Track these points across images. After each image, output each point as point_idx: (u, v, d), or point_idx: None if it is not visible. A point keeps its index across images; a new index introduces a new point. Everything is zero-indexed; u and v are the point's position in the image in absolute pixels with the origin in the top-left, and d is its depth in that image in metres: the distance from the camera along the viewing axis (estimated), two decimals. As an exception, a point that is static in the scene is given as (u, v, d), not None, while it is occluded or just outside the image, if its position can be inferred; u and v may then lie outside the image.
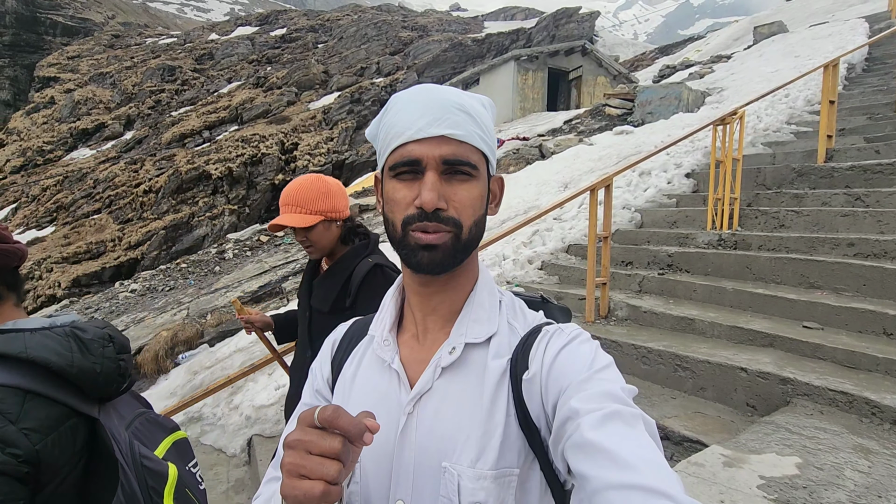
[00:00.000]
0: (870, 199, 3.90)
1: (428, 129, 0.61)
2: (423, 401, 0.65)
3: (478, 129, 0.64)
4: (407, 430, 0.64)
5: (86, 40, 40.70)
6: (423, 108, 0.62)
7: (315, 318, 1.57)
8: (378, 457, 0.66)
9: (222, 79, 29.46)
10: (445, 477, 0.61)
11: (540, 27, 27.25)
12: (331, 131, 20.62)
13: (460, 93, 0.66)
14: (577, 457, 0.50)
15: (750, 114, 6.38)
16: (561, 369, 0.59)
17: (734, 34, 20.37)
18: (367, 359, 0.73)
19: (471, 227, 0.63)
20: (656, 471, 0.46)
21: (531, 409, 0.61)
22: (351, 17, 35.29)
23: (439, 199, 0.60)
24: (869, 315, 2.74)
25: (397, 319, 0.74)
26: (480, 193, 0.64)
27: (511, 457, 0.60)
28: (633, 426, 0.50)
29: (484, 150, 0.65)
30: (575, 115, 12.54)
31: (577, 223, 5.37)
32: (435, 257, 0.62)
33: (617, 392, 0.54)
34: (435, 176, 0.61)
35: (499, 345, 0.66)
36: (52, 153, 25.84)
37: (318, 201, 1.48)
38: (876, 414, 2.08)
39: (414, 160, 0.61)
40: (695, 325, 3.20)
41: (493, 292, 0.71)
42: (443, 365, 0.65)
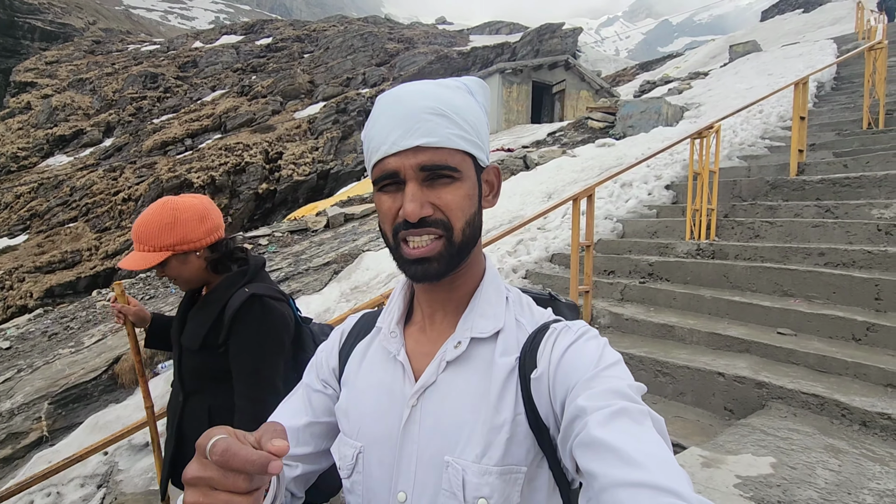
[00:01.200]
0: (839, 211, 4.06)
1: (401, 141, 0.60)
2: (428, 394, 0.65)
3: (456, 130, 0.62)
4: (410, 423, 0.64)
5: (65, 45, 40.04)
6: (395, 119, 0.61)
7: (185, 357, 1.39)
8: (381, 448, 0.66)
9: (206, 87, 29.22)
10: (448, 471, 0.61)
11: (524, 42, 27.75)
12: (316, 141, 20.58)
13: (440, 91, 0.63)
14: (585, 455, 0.50)
15: (726, 128, 6.59)
16: (568, 367, 0.59)
17: (711, 52, 21.05)
18: (374, 350, 0.73)
19: (463, 228, 0.63)
20: (664, 468, 0.45)
21: (540, 408, 0.60)
22: (337, 28, 35.45)
23: (422, 208, 0.60)
24: (839, 321, 2.85)
25: (405, 312, 0.74)
26: (467, 193, 0.63)
27: (518, 454, 0.60)
28: (640, 423, 0.50)
29: (466, 149, 0.63)
30: (558, 127, 12.77)
31: (560, 233, 5.46)
32: (429, 269, 0.62)
33: (624, 389, 0.53)
34: (415, 185, 0.60)
35: (506, 341, 0.65)
36: (27, 159, 25.21)
37: (162, 235, 1.31)
38: (846, 415, 2.16)
39: (392, 173, 0.61)
40: (675, 332, 3.28)
41: (500, 288, 0.70)
42: (448, 359, 0.65)
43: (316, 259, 6.03)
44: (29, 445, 3.71)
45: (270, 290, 1.36)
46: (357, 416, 0.70)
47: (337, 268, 5.61)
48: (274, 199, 18.56)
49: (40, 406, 3.90)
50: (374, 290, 5.05)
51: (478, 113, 0.66)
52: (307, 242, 7.03)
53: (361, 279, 5.29)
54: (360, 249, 5.97)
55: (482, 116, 0.67)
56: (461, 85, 0.67)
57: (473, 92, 0.67)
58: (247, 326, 1.29)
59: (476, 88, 0.68)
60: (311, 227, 7.69)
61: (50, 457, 3.51)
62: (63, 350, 4.87)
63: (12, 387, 4.20)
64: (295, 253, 6.57)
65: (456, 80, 0.68)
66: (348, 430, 0.70)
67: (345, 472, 0.69)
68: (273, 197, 18.57)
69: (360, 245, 6.16)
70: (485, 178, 0.68)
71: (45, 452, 3.56)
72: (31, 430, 3.77)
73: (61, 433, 3.79)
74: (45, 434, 3.79)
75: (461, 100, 0.64)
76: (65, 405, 3.95)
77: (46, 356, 4.82)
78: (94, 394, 4.10)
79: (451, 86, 0.65)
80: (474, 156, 0.65)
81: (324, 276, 5.49)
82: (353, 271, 5.47)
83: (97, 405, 4.02)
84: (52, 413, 3.89)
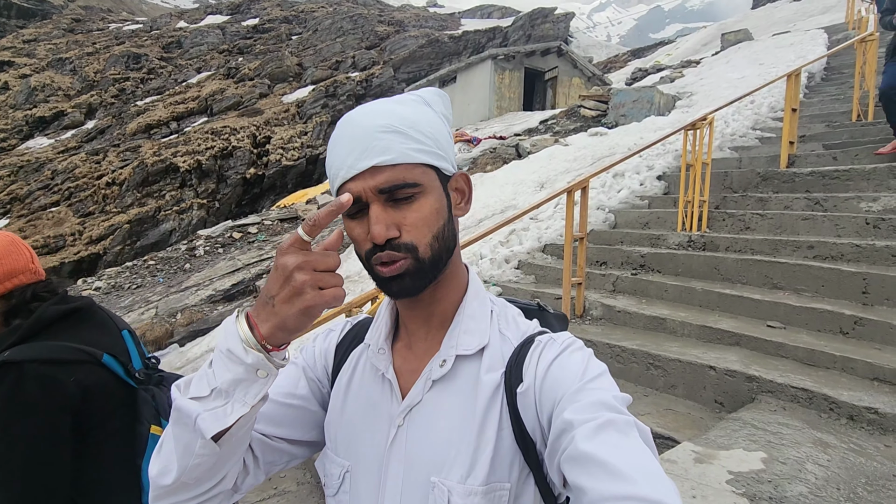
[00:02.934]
0: (828, 204, 4.10)
1: (357, 164, 0.59)
2: (414, 413, 0.65)
3: (412, 144, 0.61)
4: (396, 443, 0.64)
5: (43, 23, 38.72)
6: (348, 142, 0.61)
7: None
8: (368, 467, 0.66)
9: (191, 68, 28.54)
10: (434, 492, 0.60)
11: (516, 26, 27.45)
12: (305, 125, 20.28)
13: (390, 109, 0.63)
14: (573, 469, 0.50)
15: (718, 119, 6.59)
16: (554, 381, 0.59)
17: (703, 39, 21.02)
18: (362, 365, 0.73)
19: (430, 244, 0.62)
20: (652, 481, 0.46)
21: (526, 423, 0.60)
22: (326, 10, 34.70)
23: (388, 230, 0.59)
24: (827, 315, 2.89)
25: (392, 329, 0.73)
26: (433, 207, 0.62)
27: (502, 471, 0.60)
28: (627, 435, 0.50)
29: (426, 161, 0.62)
30: (551, 115, 12.71)
31: (553, 223, 5.46)
32: (403, 285, 0.62)
33: (609, 401, 0.53)
34: (378, 208, 0.60)
35: (491, 357, 0.65)
36: (6, 142, 24.52)
37: None
38: (833, 409, 2.20)
39: (355, 198, 0.60)
40: (666, 325, 3.31)
41: (484, 301, 0.69)
42: (433, 378, 0.65)
43: (306, 248, 5.98)
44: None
45: (51, 354, 1.05)
46: (344, 433, 0.70)
47: (328, 257, 5.57)
48: (262, 185, 18.32)
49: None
50: (365, 280, 5.02)
51: (436, 124, 0.65)
52: (297, 230, 6.96)
53: (352, 269, 5.25)
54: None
55: (442, 126, 0.66)
56: (416, 98, 0.67)
57: (430, 103, 0.67)
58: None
59: (433, 99, 0.68)
60: (301, 216, 7.60)
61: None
62: (48, 340, 4.78)
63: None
64: (285, 241, 6.50)
65: (411, 94, 0.67)
66: (334, 448, 0.70)
67: (330, 490, 0.69)
68: (261, 182, 18.32)
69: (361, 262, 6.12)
70: (453, 186, 0.67)
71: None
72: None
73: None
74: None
75: (416, 113, 0.63)
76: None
77: (31, 346, 4.73)
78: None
79: (405, 101, 0.65)
80: (437, 167, 0.64)
81: (315, 265, 5.45)
82: (344, 261, 5.43)
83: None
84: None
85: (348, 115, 0.64)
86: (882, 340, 2.65)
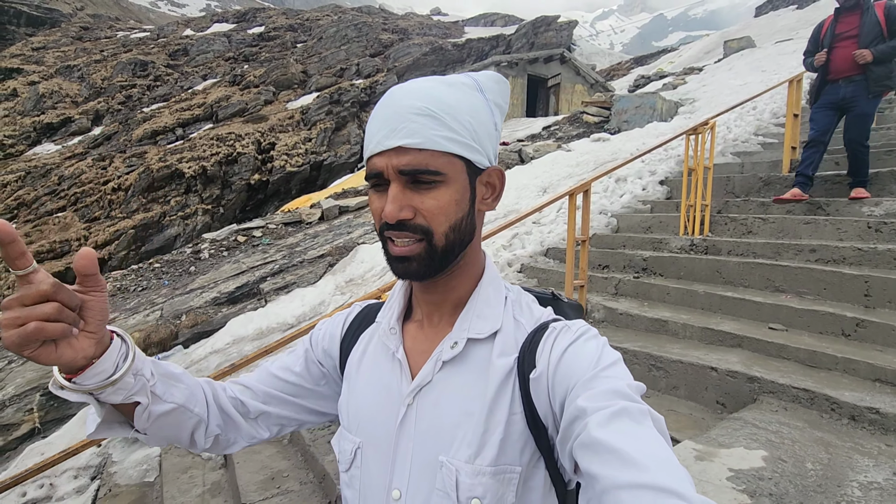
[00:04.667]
0: (830, 208, 4.11)
1: (385, 141, 0.60)
2: (424, 393, 0.65)
3: (443, 131, 0.60)
4: (406, 421, 0.65)
5: (52, 31, 39.20)
6: (383, 118, 0.61)
7: None
8: (379, 444, 0.67)
9: (197, 75, 28.81)
10: (442, 471, 0.61)
11: (519, 34, 27.62)
12: (309, 132, 20.40)
13: (433, 89, 0.61)
14: (586, 456, 0.49)
15: (720, 124, 6.63)
16: (567, 368, 0.59)
17: (706, 47, 21.11)
18: (374, 345, 0.74)
19: (445, 233, 0.61)
20: (666, 469, 0.45)
21: (539, 408, 0.60)
22: (331, 18, 35.03)
23: (401, 211, 0.59)
24: (829, 317, 2.90)
25: (405, 309, 0.74)
26: (452, 198, 0.61)
27: (513, 455, 0.60)
28: (640, 423, 0.50)
29: (454, 151, 0.61)
30: (554, 121, 12.76)
31: (555, 227, 5.48)
32: (409, 268, 0.62)
33: (624, 389, 0.53)
34: (397, 187, 0.60)
35: (504, 342, 0.65)
36: (14, 147, 24.74)
37: None
38: (835, 410, 2.20)
39: (377, 172, 0.61)
40: (668, 327, 3.32)
41: (499, 287, 0.70)
42: (444, 359, 0.65)
43: (311, 251, 6.01)
44: (21, 437, 3.68)
45: None
46: (356, 411, 0.71)
47: (332, 260, 5.59)
48: (266, 191, 18.42)
49: (32, 398, 3.87)
50: (369, 282, 5.05)
51: (481, 113, 0.63)
52: (301, 235, 7.00)
53: (356, 272, 5.28)
54: (354, 242, 5.96)
55: (487, 116, 0.64)
56: (471, 82, 0.65)
57: (484, 89, 0.65)
58: None
59: (489, 86, 0.66)
60: (305, 220, 7.65)
61: (42, 448, 3.49)
62: (54, 341, 4.82)
63: (3, 378, 4.16)
64: (289, 245, 6.53)
65: (468, 75, 0.66)
66: (348, 425, 0.72)
67: (343, 466, 0.71)
68: (265, 188, 18.42)
69: (354, 238, 6.15)
70: (484, 180, 0.66)
71: (37, 444, 3.54)
72: (22, 421, 3.74)
73: (53, 425, 3.77)
74: (37, 426, 3.76)
75: (461, 100, 0.62)
76: (56, 397, 3.92)
77: (37, 348, 4.77)
78: (87, 386, 4.07)
79: (455, 84, 0.63)
80: (467, 158, 0.62)
81: (318, 268, 5.47)
82: (348, 264, 5.46)
83: (90, 397, 4.00)
84: (44, 405, 3.86)
85: (391, 90, 0.64)
86: (884, 342, 2.66)
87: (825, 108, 4.08)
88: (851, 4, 3.90)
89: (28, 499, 3.19)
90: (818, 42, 4.11)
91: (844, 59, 3.89)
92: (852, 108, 3.93)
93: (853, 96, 3.89)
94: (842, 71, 3.93)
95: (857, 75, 3.87)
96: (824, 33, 4.07)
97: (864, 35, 3.79)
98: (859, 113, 3.90)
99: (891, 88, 3.91)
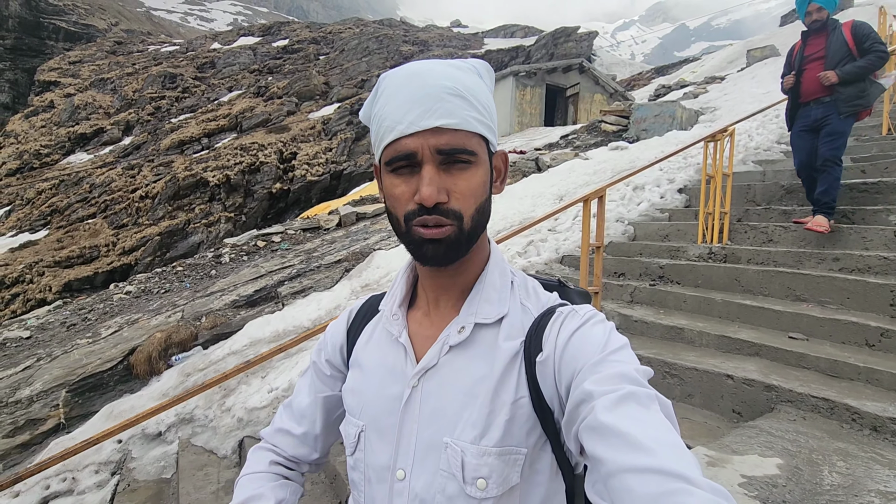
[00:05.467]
0: (855, 217, 4.00)
1: (420, 121, 0.58)
2: (429, 375, 0.65)
3: (474, 113, 0.60)
4: (410, 403, 0.65)
5: (88, 46, 40.96)
6: (413, 98, 0.59)
7: None
8: (383, 427, 0.67)
9: (223, 87, 29.67)
10: (447, 452, 0.61)
11: (539, 45, 27.72)
12: (330, 142, 20.76)
13: (453, 72, 0.62)
14: (592, 439, 0.49)
15: (741, 133, 6.53)
16: (574, 351, 0.58)
17: (728, 57, 20.83)
18: (378, 333, 0.74)
19: (473, 216, 0.61)
20: (673, 453, 0.45)
21: (545, 391, 0.60)
22: (353, 31, 35.76)
23: (439, 193, 0.58)
24: (852, 326, 2.81)
25: (409, 295, 0.74)
26: (482, 179, 0.62)
27: (519, 436, 0.60)
28: (647, 407, 0.50)
29: (482, 133, 0.62)
30: (571, 130, 12.74)
31: (571, 234, 5.45)
32: (439, 251, 0.61)
33: (631, 373, 0.53)
34: (433, 169, 0.59)
35: (510, 326, 0.65)
36: (49, 157, 25.82)
37: None
38: (856, 420, 2.13)
39: (409, 153, 0.59)
40: (684, 335, 3.26)
41: (505, 272, 0.70)
42: (451, 343, 0.65)
43: (328, 257, 6.10)
44: (46, 432, 3.81)
45: None
46: (360, 395, 0.71)
47: (348, 265, 5.67)
48: (287, 199, 18.77)
49: (58, 394, 4.00)
50: (384, 288, 5.09)
51: (488, 96, 0.65)
52: (319, 240, 7.11)
53: (372, 277, 5.33)
54: (371, 248, 6.02)
55: (492, 100, 0.66)
56: (470, 67, 0.65)
57: (482, 74, 0.66)
58: None
59: (483, 71, 0.68)
60: (323, 226, 7.77)
61: (66, 443, 3.60)
62: (81, 340, 4.99)
63: (31, 375, 4.31)
64: (307, 250, 6.64)
65: (464, 61, 0.67)
66: (352, 410, 0.72)
67: (349, 450, 0.72)
68: (286, 196, 18.77)
69: (371, 244, 6.22)
70: (494, 163, 0.67)
71: (62, 439, 3.66)
72: (48, 416, 3.87)
73: (78, 421, 3.89)
74: (62, 421, 3.88)
75: (475, 83, 0.63)
76: (81, 394, 4.05)
77: (65, 346, 4.94)
78: (110, 383, 4.19)
79: (462, 67, 0.64)
80: (488, 140, 0.64)
81: (335, 273, 5.55)
82: (364, 269, 5.52)
83: (112, 394, 4.11)
84: (69, 401, 3.99)
85: (406, 70, 0.62)
86: (910, 353, 2.57)
87: (802, 131, 3.97)
88: (818, 27, 3.80)
89: (51, 491, 3.29)
90: (790, 65, 4.04)
91: (812, 81, 3.80)
92: (824, 126, 3.82)
93: (824, 116, 3.80)
94: (811, 93, 3.85)
95: (825, 97, 3.77)
96: (794, 56, 3.99)
97: (831, 56, 3.70)
98: (831, 130, 3.77)
99: (865, 108, 3.78)
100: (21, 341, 5.44)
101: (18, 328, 5.94)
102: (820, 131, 3.85)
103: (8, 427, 3.73)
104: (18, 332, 5.67)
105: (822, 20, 3.78)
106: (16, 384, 4.20)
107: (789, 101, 4.06)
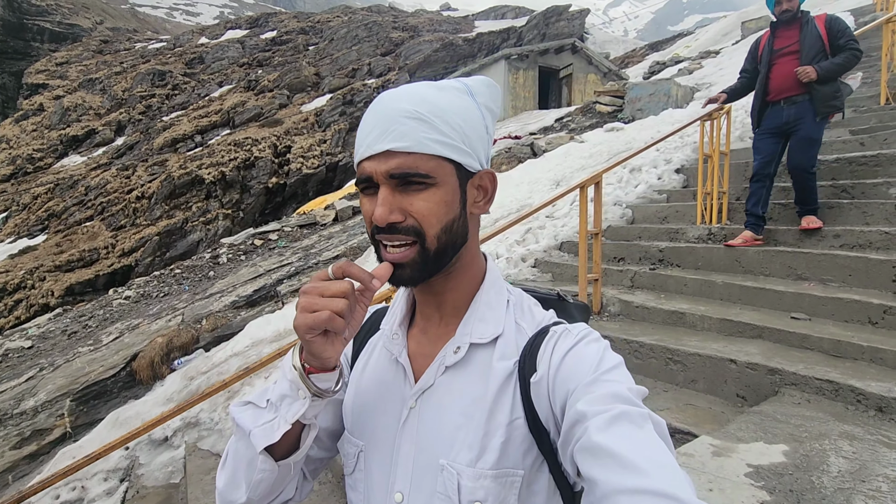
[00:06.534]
0: (855, 191, 3.96)
1: (374, 145, 0.60)
2: (426, 396, 0.65)
3: (433, 134, 0.60)
4: (408, 424, 0.65)
5: (74, 46, 40.39)
6: (373, 122, 0.61)
7: None
8: (381, 447, 0.67)
9: (213, 83, 29.33)
10: (444, 474, 0.61)
11: (530, 26, 27.32)
12: (324, 133, 20.58)
13: (423, 93, 0.61)
14: (586, 460, 0.49)
15: (739, 108, 6.44)
16: (568, 371, 0.58)
17: (723, 29, 20.53)
18: (378, 350, 0.74)
19: (437, 235, 0.61)
20: (666, 474, 0.45)
21: (540, 412, 0.60)
22: (341, 19, 35.22)
23: (391, 214, 0.59)
24: (854, 305, 2.79)
25: (409, 314, 0.74)
26: (442, 199, 0.61)
27: (515, 458, 0.60)
28: (641, 427, 0.49)
29: (443, 154, 0.60)
30: (566, 112, 12.60)
31: (569, 220, 5.41)
32: (403, 274, 0.62)
33: (624, 393, 0.53)
34: (386, 190, 0.60)
35: (505, 346, 0.65)
36: (43, 161, 25.64)
37: None
38: (861, 401, 2.12)
39: (367, 177, 0.61)
40: (686, 319, 3.25)
41: (501, 291, 0.70)
42: (447, 363, 0.65)
43: (325, 253, 6.07)
44: (53, 441, 3.82)
45: None
46: (359, 414, 0.71)
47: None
48: (284, 193, 18.67)
49: (62, 403, 4.00)
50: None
51: (471, 116, 0.63)
52: (316, 236, 7.07)
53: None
54: (368, 242, 6.00)
55: (478, 120, 0.64)
56: (461, 86, 0.65)
57: (474, 93, 0.65)
58: None
59: (479, 89, 0.66)
60: (319, 221, 7.72)
61: (74, 452, 3.61)
62: (82, 348, 4.99)
63: (35, 385, 4.32)
64: (305, 247, 6.61)
65: (458, 80, 0.66)
66: (351, 429, 0.72)
67: (348, 469, 0.71)
68: (283, 191, 18.67)
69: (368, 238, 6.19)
70: (476, 183, 0.66)
71: (68, 448, 3.67)
72: (54, 426, 3.88)
73: (83, 429, 3.90)
74: (68, 430, 3.90)
75: (452, 103, 0.62)
76: (86, 402, 4.06)
77: (67, 354, 4.94)
78: (114, 390, 4.20)
79: (445, 88, 0.63)
80: (457, 161, 0.62)
81: (334, 269, 5.53)
82: (362, 264, 5.49)
83: (117, 401, 4.12)
84: (74, 410, 3.99)
85: (381, 96, 0.64)
86: (913, 330, 2.55)
87: (768, 134, 3.63)
88: (788, 18, 3.49)
89: (61, 501, 3.31)
90: (756, 59, 3.70)
91: (785, 77, 3.46)
92: (796, 131, 3.48)
93: (797, 118, 3.46)
94: (783, 90, 3.50)
95: (798, 95, 3.44)
96: (762, 50, 3.64)
97: (806, 50, 3.38)
98: (804, 136, 3.45)
99: (839, 110, 3.49)
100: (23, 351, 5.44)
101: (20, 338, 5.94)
102: (789, 135, 3.56)
103: (15, 438, 3.75)
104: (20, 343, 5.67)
105: (793, 10, 3.48)
106: (20, 395, 4.20)
107: (755, 100, 3.71)
